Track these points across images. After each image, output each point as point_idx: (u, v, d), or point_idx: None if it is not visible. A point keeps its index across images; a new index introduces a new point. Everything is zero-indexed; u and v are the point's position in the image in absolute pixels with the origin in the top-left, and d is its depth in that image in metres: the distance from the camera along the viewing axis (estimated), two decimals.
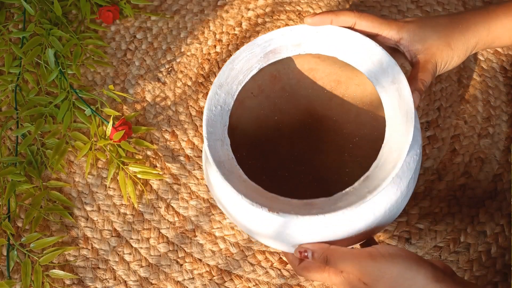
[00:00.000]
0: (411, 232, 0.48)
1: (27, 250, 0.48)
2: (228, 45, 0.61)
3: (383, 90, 0.35)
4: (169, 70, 0.60)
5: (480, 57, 0.57)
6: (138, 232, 0.51)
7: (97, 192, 0.53)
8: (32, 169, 0.53)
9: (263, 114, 0.46)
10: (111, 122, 0.53)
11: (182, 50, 0.61)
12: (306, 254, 0.33)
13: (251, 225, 0.35)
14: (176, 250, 0.49)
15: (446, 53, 0.39)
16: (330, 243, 0.33)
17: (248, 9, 0.64)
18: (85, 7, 0.62)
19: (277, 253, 0.48)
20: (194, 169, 0.53)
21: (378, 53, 0.36)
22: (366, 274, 0.31)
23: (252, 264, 0.48)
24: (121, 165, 0.52)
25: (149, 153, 0.55)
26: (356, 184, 0.33)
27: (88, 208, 0.52)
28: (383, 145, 0.34)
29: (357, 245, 0.38)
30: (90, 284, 0.48)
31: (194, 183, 0.52)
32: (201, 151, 0.54)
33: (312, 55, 0.41)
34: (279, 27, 0.62)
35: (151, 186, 0.53)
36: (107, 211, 0.52)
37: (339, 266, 0.32)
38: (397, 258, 0.31)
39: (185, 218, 0.51)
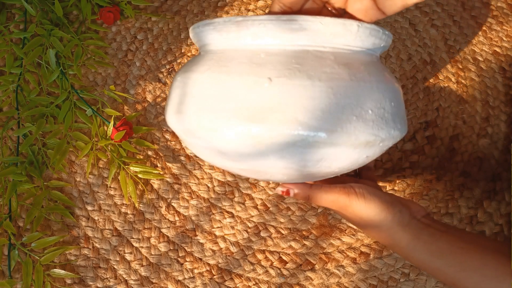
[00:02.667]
0: None
1: (28, 250, 0.49)
2: None
3: None
4: (169, 70, 0.60)
5: (479, 58, 0.58)
6: (139, 231, 0.51)
7: (98, 192, 0.53)
8: (33, 169, 0.53)
9: None
10: (112, 122, 0.53)
11: (183, 50, 0.62)
12: (288, 192, 0.36)
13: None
14: (177, 250, 0.50)
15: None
16: None
17: (248, 10, 0.64)
18: (86, 8, 0.62)
19: (277, 252, 0.49)
20: (194, 169, 0.54)
21: None
22: (342, 209, 0.35)
23: (252, 263, 0.48)
24: (122, 165, 0.52)
25: (150, 153, 0.55)
26: None
27: (89, 207, 0.52)
28: None
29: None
30: (91, 283, 0.49)
31: (195, 183, 0.53)
32: None
33: None
34: None
35: (151, 186, 0.53)
36: (108, 210, 0.52)
37: (319, 203, 0.36)
38: (369, 203, 0.34)
39: (186, 218, 0.51)
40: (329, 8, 0.36)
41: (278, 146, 0.29)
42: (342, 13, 0.36)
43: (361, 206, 0.34)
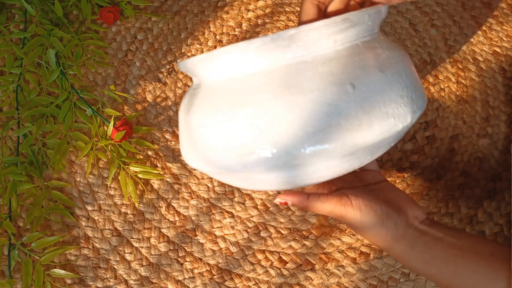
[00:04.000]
0: None
1: (28, 250, 0.49)
2: None
3: None
4: (169, 70, 0.60)
5: (479, 58, 0.58)
6: (139, 231, 0.51)
7: (98, 192, 0.53)
8: (33, 169, 0.53)
9: None
10: (112, 122, 0.53)
11: (183, 50, 0.62)
12: (286, 202, 0.37)
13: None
14: (177, 249, 0.50)
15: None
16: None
17: (248, 10, 0.64)
18: (86, 8, 0.62)
19: (277, 252, 0.49)
20: (194, 169, 0.54)
21: None
22: (338, 217, 0.36)
23: (252, 263, 0.48)
24: (122, 165, 0.52)
25: (150, 153, 0.55)
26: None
27: (89, 207, 0.52)
28: None
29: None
30: (91, 283, 0.49)
31: (195, 183, 0.53)
32: None
33: None
34: (279, 27, 0.62)
35: (151, 186, 0.53)
36: (108, 210, 0.52)
37: (317, 212, 0.37)
38: (364, 215, 0.35)
39: (186, 218, 0.51)
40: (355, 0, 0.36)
41: (372, 146, 0.30)
42: (364, 2, 0.36)
43: (356, 217, 0.35)
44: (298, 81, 0.29)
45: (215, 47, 0.61)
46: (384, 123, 0.29)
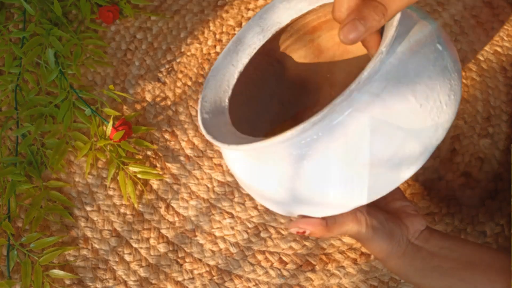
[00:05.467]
0: None
1: (27, 250, 0.48)
2: None
3: None
4: (169, 70, 0.60)
5: (480, 57, 0.57)
6: (138, 232, 0.51)
7: (97, 192, 0.53)
8: (32, 169, 0.53)
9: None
10: (111, 122, 0.53)
11: (182, 50, 0.61)
12: (304, 232, 0.36)
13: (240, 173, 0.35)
14: (176, 250, 0.49)
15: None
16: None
17: (248, 9, 0.64)
18: (85, 7, 0.62)
19: (277, 253, 0.48)
20: (194, 169, 0.53)
21: None
22: (353, 234, 0.36)
23: (252, 264, 0.48)
24: (121, 165, 0.52)
25: (149, 153, 0.55)
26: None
27: (88, 208, 0.52)
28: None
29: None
30: (90, 284, 0.48)
31: (194, 183, 0.53)
32: (201, 151, 0.55)
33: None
34: None
35: (151, 186, 0.53)
36: (107, 211, 0.52)
37: (334, 235, 0.38)
38: (374, 232, 0.35)
39: (185, 218, 0.51)
40: None
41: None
42: None
43: (369, 235, 0.35)
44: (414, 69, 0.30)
45: (215, 46, 0.61)
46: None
